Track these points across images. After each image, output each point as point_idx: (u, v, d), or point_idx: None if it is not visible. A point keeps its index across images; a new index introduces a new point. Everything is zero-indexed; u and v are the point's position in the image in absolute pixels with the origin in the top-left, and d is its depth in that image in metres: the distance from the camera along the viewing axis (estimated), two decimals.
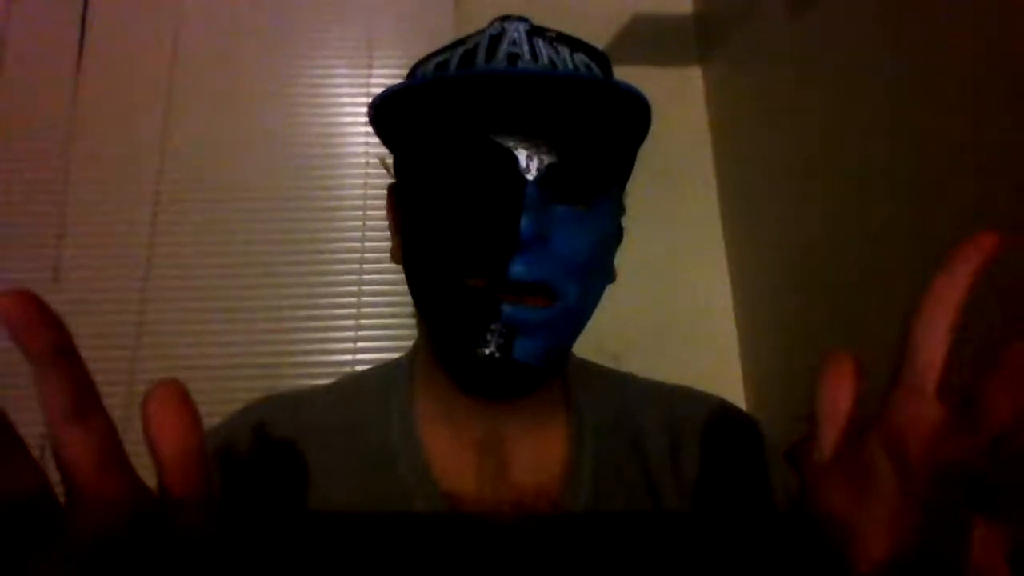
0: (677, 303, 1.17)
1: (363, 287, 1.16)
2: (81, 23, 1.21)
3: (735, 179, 1.19)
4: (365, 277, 1.17)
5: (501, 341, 0.39)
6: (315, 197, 1.20)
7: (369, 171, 1.20)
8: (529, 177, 0.39)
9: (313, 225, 1.19)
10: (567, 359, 0.51)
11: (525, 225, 0.37)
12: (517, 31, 0.43)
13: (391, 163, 0.48)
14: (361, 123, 1.22)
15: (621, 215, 0.47)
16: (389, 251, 0.50)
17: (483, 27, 0.45)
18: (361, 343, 1.14)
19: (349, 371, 1.11)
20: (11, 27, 1.19)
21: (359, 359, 1.13)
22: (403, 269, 0.46)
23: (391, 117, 0.44)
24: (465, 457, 0.45)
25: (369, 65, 1.26)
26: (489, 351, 0.39)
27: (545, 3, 0.75)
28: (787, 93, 0.98)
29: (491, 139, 0.39)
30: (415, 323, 1.02)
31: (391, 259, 0.49)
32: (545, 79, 0.40)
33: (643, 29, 1.28)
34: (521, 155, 0.39)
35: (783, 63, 0.99)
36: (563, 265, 0.40)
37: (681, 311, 1.17)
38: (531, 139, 0.39)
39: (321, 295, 1.16)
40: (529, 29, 0.43)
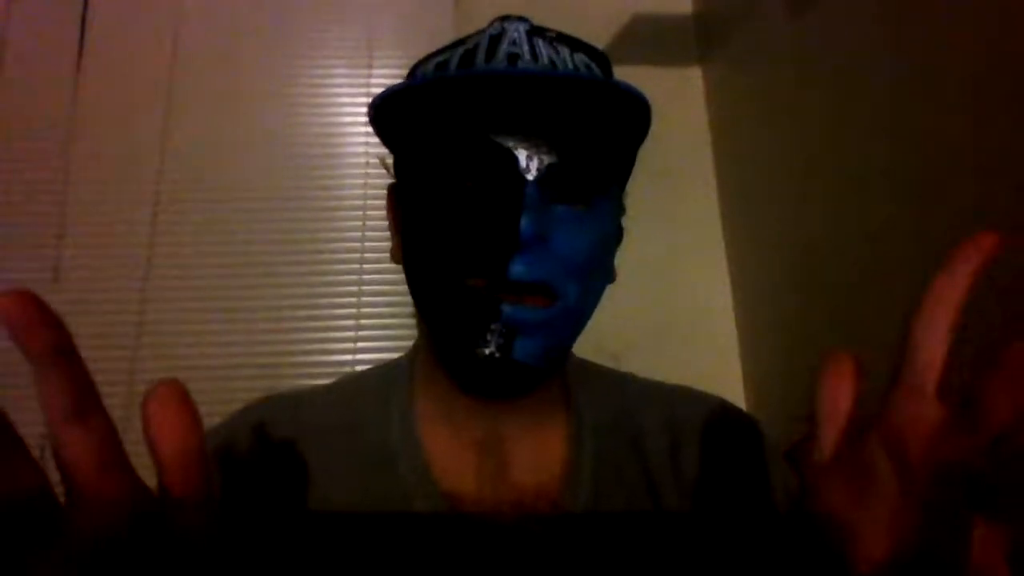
0: (677, 303, 1.17)
1: (363, 287, 1.16)
2: (81, 23, 1.20)
3: (735, 179, 1.19)
4: (365, 277, 1.17)
5: (501, 341, 0.39)
6: (315, 197, 1.20)
7: (369, 171, 1.20)
8: (529, 177, 0.39)
9: (313, 225, 1.18)
10: (567, 359, 0.51)
11: (525, 225, 0.37)
12: (517, 31, 0.43)
13: (391, 163, 0.48)
14: (361, 123, 1.22)
15: (621, 215, 0.47)
16: (389, 251, 0.50)
17: (483, 27, 0.45)
18: (361, 343, 1.14)
19: (349, 371, 1.11)
20: (11, 27, 1.19)
21: (359, 359, 1.13)
22: (403, 269, 0.46)
23: (391, 117, 0.44)
24: (465, 457, 0.45)
25: (369, 65, 1.26)
26: (489, 351, 0.39)
27: (545, 3, 0.75)
28: (787, 93, 0.98)
29: (491, 139, 0.39)
30: (415, 323, 1.02)
31: (391, 259, 0.49)
32: (545, 79, 0.40)
33: (643, 29, 1.28)
34: (521, 155, 0.39)
35: (783, 63, 0.99)
36: (563, 265, 0.40)
37: (681, 311, 1.17)
38: (531, 139, 0.39)
39: (321, 295, 1.16)
40: (529, 29, 0.43)
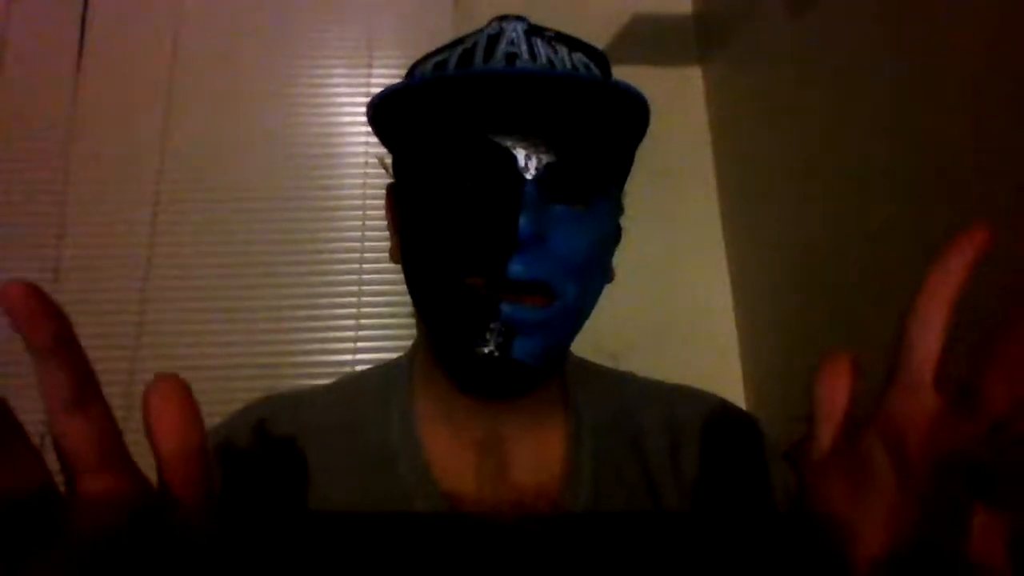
0: (677, 303, 1.17)
1: (363, 287, 1.16)
2: (81, 23, 1.20)
3: (735, 179, 1.19)
4: (365, 277, 1.17)
5: (500, 340, 0.39)
6: (315, 197, 1.20)
7: (369, 171, 1.20)
8: (528, 176, 0.39)
9: (313, 225, 1.18)
10: (565, 358, 0.51)
11: (524, 224, 0.37)
12: (515, 31, 0.43)
13: (390, 163, 0.48)
14: (361, 123, 1.21)
15: (620, 215, 0.47)
16: (388, 251, 0.50)
17: (481, 27, 0.45)
18: (361, 343, 1.14)
19: (349, 371, 1.11)
20: (11, 27, 1.19)
21: (359, 359, 1.13)
22: (402, 269, 0.46)
23: (390, 117, 0.44)
24: (465, 457, 0.45)
25: (369, 65, 1.26)
26: (488, 350, 0.39)
27: (545, 3, 0.75)
28: (787, 93, 0.98)
29: (490, 139, 0.39)
30: (415, 323, 1.02)
31: (390, 259, 0.49)
32: (543, 79, 0.40)
33: (643, 29, 1.28)
34: (520, 154, 0.39)
35: (783, 63, 0.99)
36: (561, 265, 0.40)
37: (681, 311, 1.17)
38: (530, 139, 0.39)
39: (321, 295, 1.16)
40: (527, 29, 0.43)
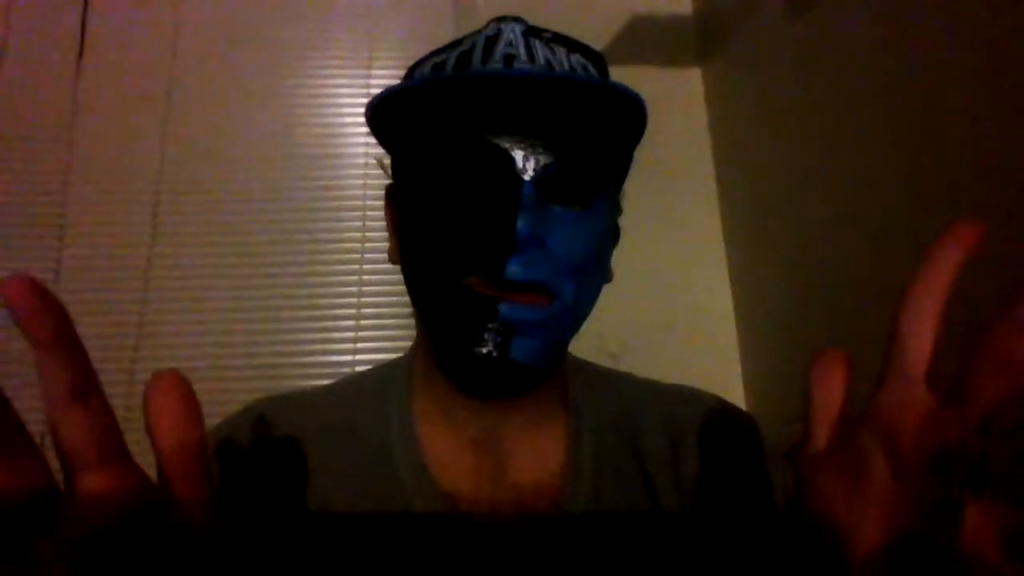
0: (677, 303, 1.17)
1: (363, 287, 1.16)
2: (81, 23, 1.20)
3: (735, 179, 1.18)
4: (365, 277, 1.17)
5: (498, 340, 0.39)
6: (315, 197, 1.20)
7: (369, 171, 1.20)
8: (526, 177, 0.39)
9: (313, 225, 1.18)
10: (564, 359, 0.51)
11: (522, 225, 0.37)
12: (513, 32, 0.43)
13: (388, 164, 0.48)
14: (361, 123, 1.20)
15: (618, 215, 0.47)
16: (387, 251, 0.50)
17: (480, 28, 0.45)
18: (361, 343, 1.14)
19: (349, 371, 1.11)
20: (11, 27, 1.19)
21: (359, 359, 1.13)
22: (401, 269, 0.46)
23: (388, 118, 0.44)
24: (463, 457, 0.45)
25: (369, 65, 1.26)
26: (486, 350, 0.39)
27: (545, 3, 0.75)
28: (787, 93, 0.98)
29: (488, 140, 0.39)
30: (414, 323, 1.02)
31: (389, 259, 0.49)
32: (541, 80, 0.40)
33: (643, 29, 1.28)
34: (518, 156, 0.39)
35: (783, 63, 0.99)
36: (560, 265, 0.40)
37: (681, 311, 1.17)
38: (528, 140, 0.39)
39: (321, 295, 1.16)
40: (525, 30, 0.43)
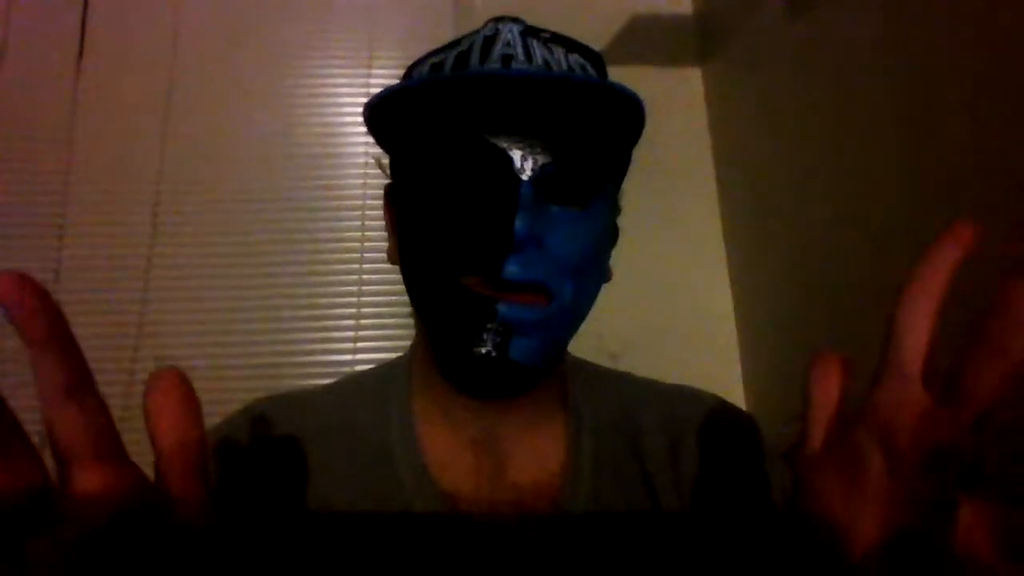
0: (677, 303, 1.17)
1: (363, 287, 1.16)
2: (81, 23, 1.20)
3: (735, 179, 1.18)
4: (365, 277, 1.17)
5: (497, 340, 0.39)
6: (315, 197, 1.19)
7: (369, 171, 1.20)
8: (524, 177, 0.39)
9: (313, 225, 1.18)
10: (563, 358, 0.51)
11: (520, 225, 0.37)
12: (511, 32, 0.43)
13: (387, 164, 0.48)
14: (361, 123, 1.21)
15: (617, 215, 0.47)
16: (386, 251, 0.50)
17: (478, 28, 0.45)
18: (361, 343, 1.14)
19: (349, 371, 1.11)
20: (11, 27, 1.19)
21: (359, 359, 1.13)
22: (400, 269, 0.46)
23: (387, 118, 0.44)
24: (463, 456, 0.46)
25: (369, 65, 1.26)
26: (485, 350, 0.39)
27: (544, 3, 0.75)
28: (787, 93, 0.98)
29: (486, 140, 0.39)
30: (414, 323, 1.02)
31: (388, 259, 0.49)
32: (539, 80, 0.40)
33: (643, 29, 1.28)
34: (516, 155, 0.39)
35: (783, 63, 0.99)
36: (558, 265, 0.40)
37: (681, 311, 1.16)
38: (526, 140, 0.39)
39: (321, 295, 1.16)
40: (523, 30, 0.43)
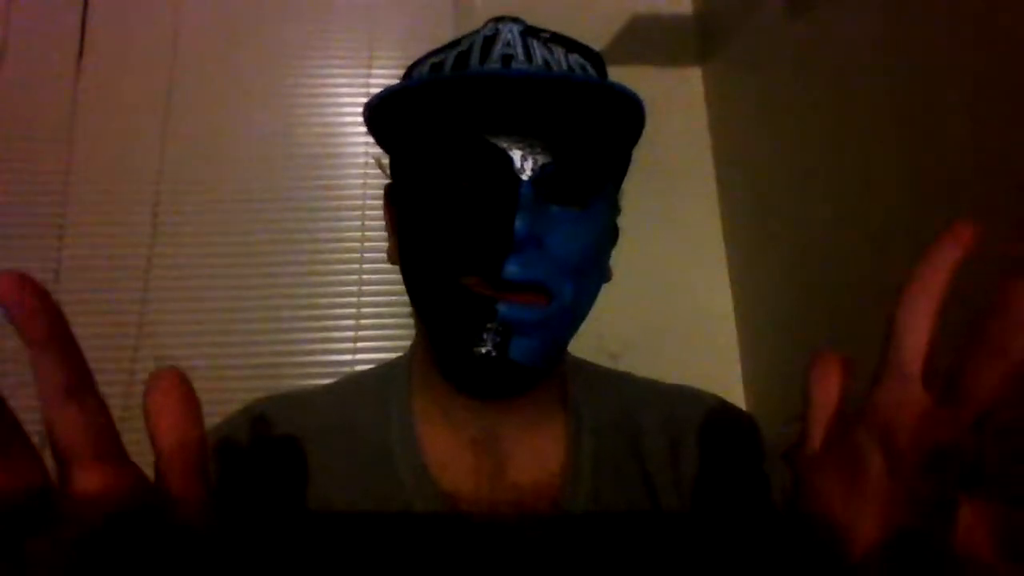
0: (677, 303, 1.17)
1: (363, 287, 1.16)
2: (81, 23, 1.20)
3: (735, 179, 1.18)
4: (365, 277, 1.16)
5: (497, 340, 0.39)
6: (315, 197, 1.19)
7: (369, 171, 1.20)
8: (524, 177, 0.39)
9: (313, 225, 1.18)
10: (563, 358, 0.51)
11: (520, 225, 0.37)
12: (511, 32, 0.43)
13: (387, 164, 0.48)
14: (361, 123, 1.21)
15: (617, 215, 0.47)
16: (386, 251, 0.50)
17: (478, 28, 0.45)
18: (361, 343, 1.14)
19: (349, 371, 1.11)
20: (11, 27, 1.19)
21: (359, 359, 1.13)
22: (400, 269, 0.46)
23: (386, 118, 0.44)
24: (463, 457, 0.46)
25: (369, 65, 1.26)
26: (485, 350, 0.39)
27: (545, 3, 0.75)
28: (787, 93, 0.98)
29: (486, 140, 0.39)
30: (414, 323, 1.02)
31: (388, 259, 0.49)
32: (539, 80, 0.40)
33: (643, 29, 1.28)
34: (516, 156, 0.39)
35: (783, 63, 0.99)
36: (558, 265, 0.40)
37: (681, 311, 1.16)
38: (526, 140, 0.39)
39: (321, 295, 1.16)
40: (523, 30, 0.43)
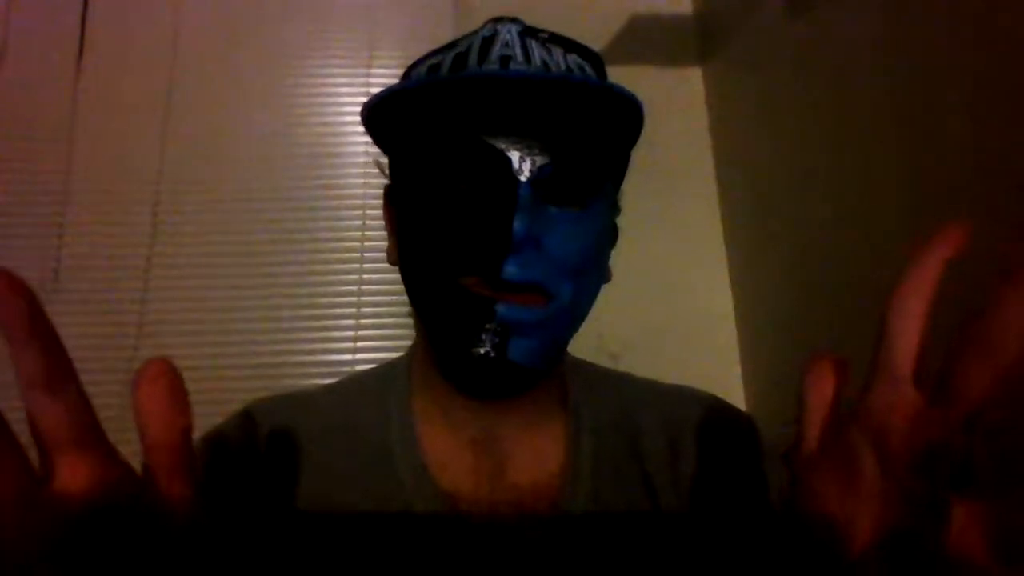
0: (677, 304, 1.17)
1: (363, 287, 1.16)
2: (81, 23, 1.20)
3: (735, 179, 1.18)
4: (365, 277, 1.17)
5: (496, 340, 0.39)
6: (315, 197, 1.19)
7: (369, 171, 1.20)
8: (522, 178, 0.39)
9: (313, 225, 1.18)
10: (563, 359, 0.51)
11: (518, 226, 0.37)
12: (509, 32, 0.43)
13: (386, 164, 0.48)
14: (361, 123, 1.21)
15: (616, 215, 0.47)
16: (386, 252, 0.50)
17: (476, 29, 0.45)
18: (361, 343, 1.14)
19: (349, 371, 1.11)
20: (11, 27, 1.19)
21: (359, 359, 1.13)
22: (399, 270, 0.46)
23: (385, 119, 0.44)
24: (463, 457, 0.46)
25: (369, 65, 1.26)
26: (484, 351, 0.39)
27: (544, 3, 0.75)
28: (787, 93, 0.98)
29: (484, 141, 0.39)
30: (414, 323, 1.02)
31: (387, 260, 0.49)
32: (537, 81, 0.40)
33: (643, 29, 1.28)
34: (514, 156, 0.39)
35: (783, 63, 0.99)
36: (557, 266, 0.40)
37: (681, 312, 1.16)
38: (524, 140, 0.39)
39: (321, 295, 1.16)
40: (521, 30, 0.43)
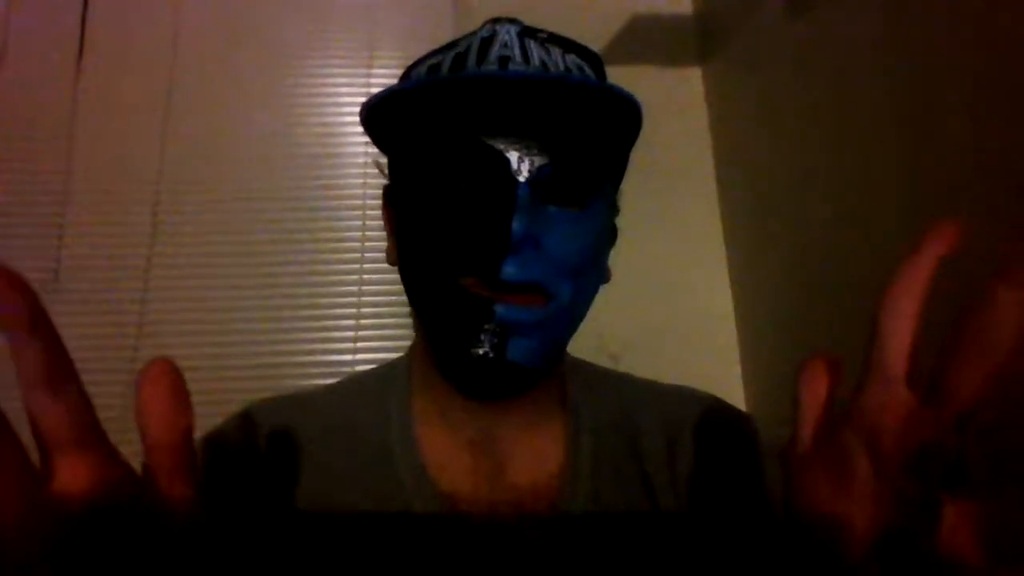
0: (677, 304, 1.17)
1: (363, 287, 1.16)
2: (81, 23, 1.20)
3: (735, 179, 1.18)
4: (365, 277, 1.17)
5: (495, 341, 0.39)
6: (315, 197, 1.20)
7: (369, 171, 1.20)
8: (521, 179, 0.39)
9: (313, 225, 1.18)
10: (562, 359, 0.51)
11: (517, 226, 0.37)
12: (508, 33, 0.43)
13: (385, 164, 0.48)
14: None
15: (615, 215, 0.47)
16: (385, 252, 0.50)
17: (475, 29, 0.45)
18: (361, 343, 1.14)
19: (349, 371, 1.11)
20: (11, 27, 1.19)
21: (359, 359, 1.13)
22: (398, 270, 0.46)
23: (384, 120, 0.44)
24: (462, 457, 0.46)
25: (369, 65, 1.26)
26: (483, 351, 0.39)
27: (544, 3, 0.75)
28: (787, 93, 0.98)
29: (483, 141, 0.39)
30: (414, 323, 1.02)
31: (387, 260, 0.49)
32: (536, 81, 0.40)
33: (643, 29, 1.28)
34: (513, 157, 0.39)
35: (783, 63, 0.99)
36: (556, 266, 0.40)
37: (681, 312, 1.16)
38: (523, 141, 0.39)
39: (321, 295, 1.16)
40: (520, 31, 0.43)
